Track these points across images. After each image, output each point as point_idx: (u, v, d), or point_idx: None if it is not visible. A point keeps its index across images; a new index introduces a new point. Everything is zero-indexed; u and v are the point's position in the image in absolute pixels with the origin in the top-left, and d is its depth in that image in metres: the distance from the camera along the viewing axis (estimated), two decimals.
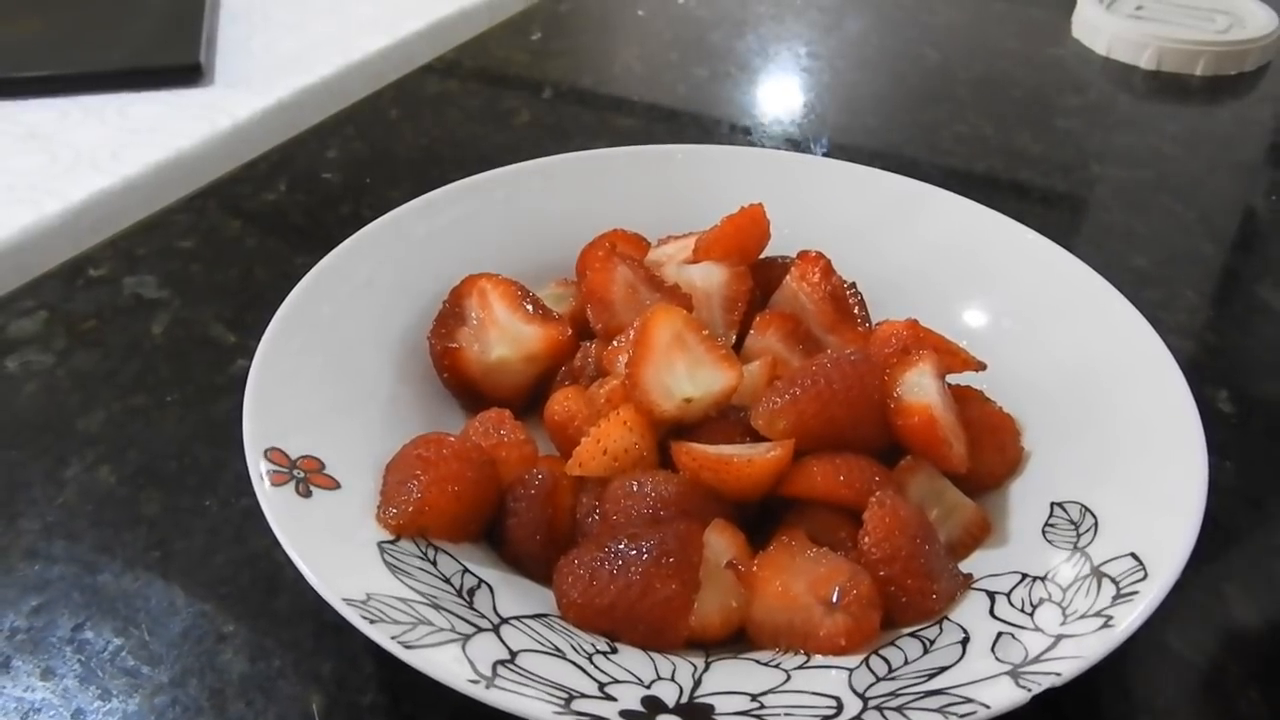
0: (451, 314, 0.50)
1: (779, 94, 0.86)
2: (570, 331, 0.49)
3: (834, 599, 0.36)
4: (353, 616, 0.34)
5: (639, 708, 0.33)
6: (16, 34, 1.26)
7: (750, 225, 0.52)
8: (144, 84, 1.18)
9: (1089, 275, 0.50)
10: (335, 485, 0.40)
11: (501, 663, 0.33)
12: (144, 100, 1.16)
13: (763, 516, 0.42)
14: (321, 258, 0.51)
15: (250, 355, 0.45)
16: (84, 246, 0.71)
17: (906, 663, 0.35)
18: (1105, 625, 0.34)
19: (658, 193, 0.58)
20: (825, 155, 0.76)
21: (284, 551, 0.37)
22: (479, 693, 0.32)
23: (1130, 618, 0.34)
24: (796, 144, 0.78)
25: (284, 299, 0.48)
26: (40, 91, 1.16)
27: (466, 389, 0.49)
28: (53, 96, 1.15)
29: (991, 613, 0.37)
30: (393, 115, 0.80)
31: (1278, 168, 0.78)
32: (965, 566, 0.41)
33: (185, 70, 1.19)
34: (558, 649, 0.35)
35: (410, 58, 1.31)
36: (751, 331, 0.49)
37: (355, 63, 1.27)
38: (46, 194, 1.02)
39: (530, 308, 0.50)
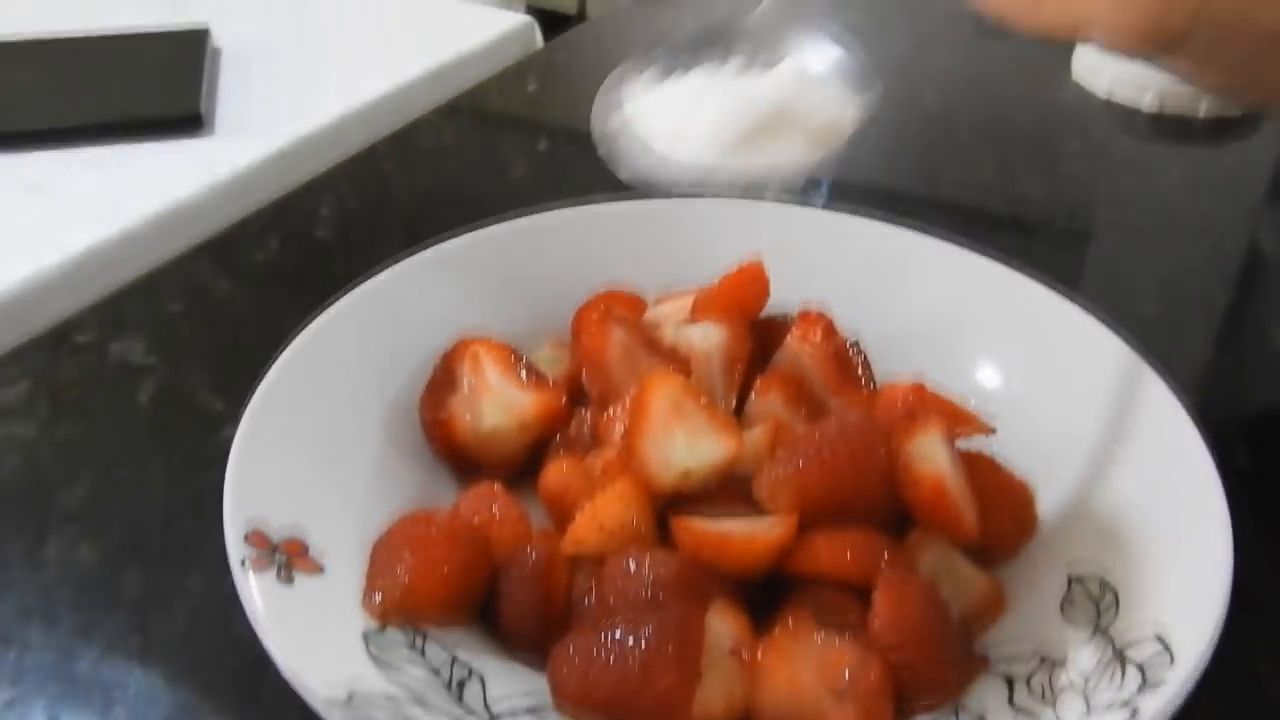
0: (443, 380, 0.48)
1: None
2: (565, 398, 0.48)
3: (843, 688, 0.34)
4: (335, 719, 0.32)
5: None
6: (17, 85, 1.26)
7: (749, 283, 0.51)
8: (144, 134, 1.17)
9: (1100, 331, 0.48)
10: (319, 569, 0.38)
11: None
12: (144, 150, 1.15)
13: (767, 590, 0.41)
14: (312, 319, 0.50)
15: (237, 422, 0.44)
16: (84, 297, 0.70)
17: None
18: (1132, 718, 0.32)
19: (655, 247, 0.57)
20: (827, 201, 0.74)
21: None
22: None
23: (1157, 708, 0.32)
24: (795, 191, 0.76)
25: (273, 363, 0.47)
26: (40, 143, 1.16)
27: (459, 458, 0.47)
28: (53, 148, 1.15)
29: (1011, 701, 0.35)
30: (387, 169, 0.79)
31: None
32: (980, 644, 0.39)
33: (186, 120, 1.19)
34: None
35: (410, 103, 1.31)
36: (753, 394, 0.47)
37: (355, 109, 1.27)
38: (47, 246, 1.02)
39: (524, 373, 0.48)
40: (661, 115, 0.42)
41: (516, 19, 1.50)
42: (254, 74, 1.31)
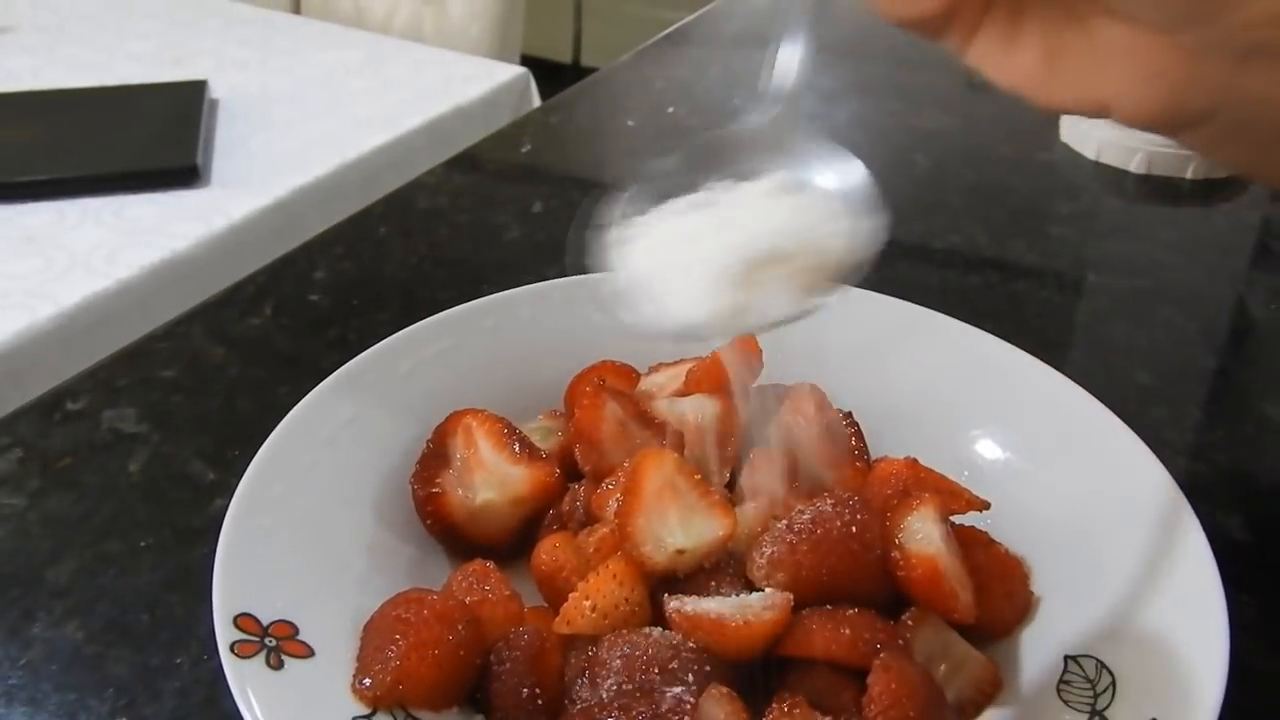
0: (435, 455, 0.48)
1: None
2: (558, 472, 0.47)
3: None
4: None
5: None
6: (15, 138, 1.27)
7: (742, 355, 0.51)
8: (141, 186, 1.18)
9: (1094, 406, 0.48)
10: (309, 653, 0.38)
11: None
12: (141, 202, 1.16)
13: (762, 669, 0.40)
14: (306, 387, 0.49)
15: (229, 493, 0.44)
16: (76, 349, 0.69)
17: None
18: None
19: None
20: None
21: None
22: None
23: None
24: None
25: (266, 432, 0.47)
26: (38, 195, 1.16)
27: (451, 535, 0.47)
28: (50, 200, 1.16)
29: None
30: (382, 232, 0.80)
31: (1271, 272, 0.77)
32: None
33: (182, 172, 1.20)
34: None
35: (407, 155, 1.32)
36: (745, 469, 0.47)
37: (352, 161, 1.28)
38: (41, 298, 1.02)
39: (517, 447, 0.48)
40: (654, 258, 0.38)
41: (512, 71, 1.51)
42: (251, 126, 1.32)
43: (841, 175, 0.39)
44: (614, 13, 2.89)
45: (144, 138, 1.28)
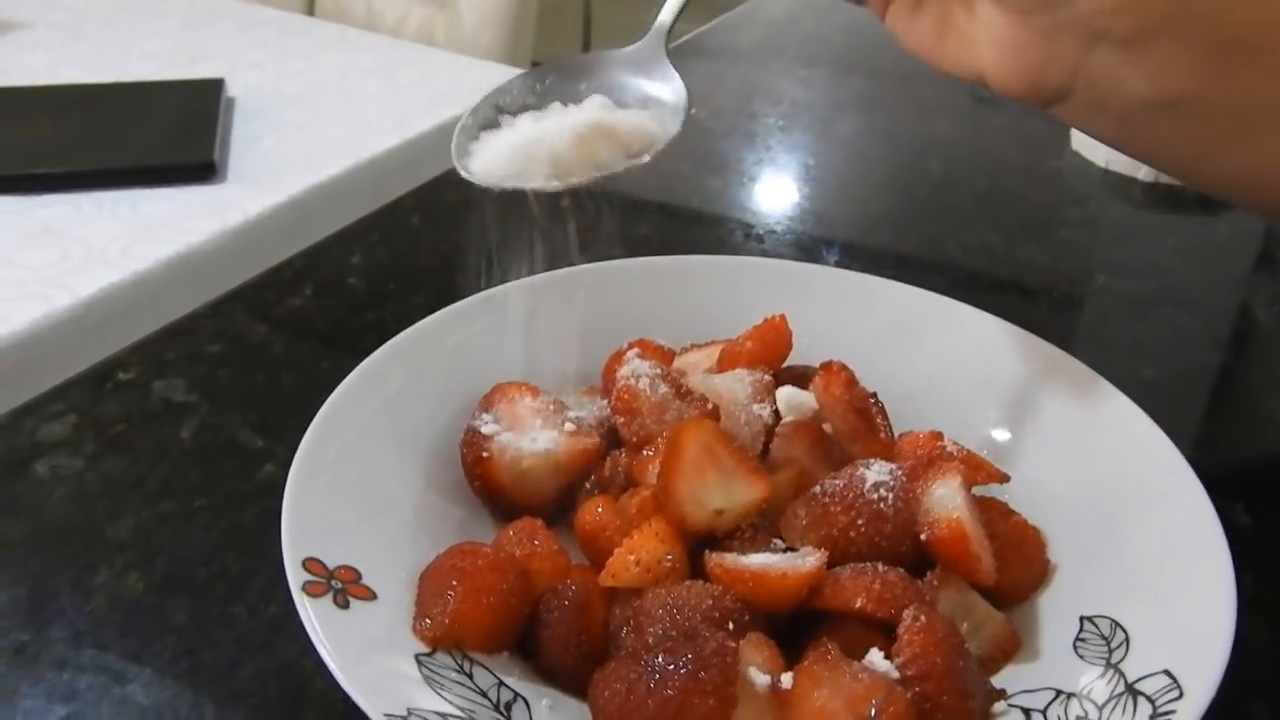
0: (482, 422, 0.50)
1: (790, 204, 0.88)
2: (599, 441, 0.50)
3: (871, 716, 0.36)
4: None
5: None
6: (34, 132, 1.30)
7: (773, 336, 0.53)
8: (158, 181, 1.21)
9: (1107, 390, 0.51)
10: (372, 596, 0.40)
11: None
12: (157, 197, 1.18)
13: (792, 626, 0.43)
14: (347, 364, 0.52)
15: (277, 461, 0.46)
16: (91, 341, 0.71)
17: None
18: None
19: (680, 303, 0.60)
20: (837, 263, 0.77)
21: (312, 662, 0.37)
22: None
23: None
24: (809, 252, 0.79)
25: (310, 405, 0.49)
26: (55, 188, 1.19)
27: (497, 497, 0.49)
28: (67, 192, 1.18)
29: None
30: (414, 222, 0.82)
31: (1274, 277, 0.80)
32: (996, 681, 0.41)
33: (199, 168, 1.22)
34: None
35: (417, 158, 1.35)
36: (777, 440, 0.50)
37: (364, 161, 1.31)
38: (57, 289, 1.04)
39: (559, 416, 0.50)
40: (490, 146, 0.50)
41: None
42: (265, 126, 1.35)
43: (662, 89, 0.52)
44: (624, 22, 2.92)
45: (161, 133, 1.30)
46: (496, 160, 0.49)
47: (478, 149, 0.50)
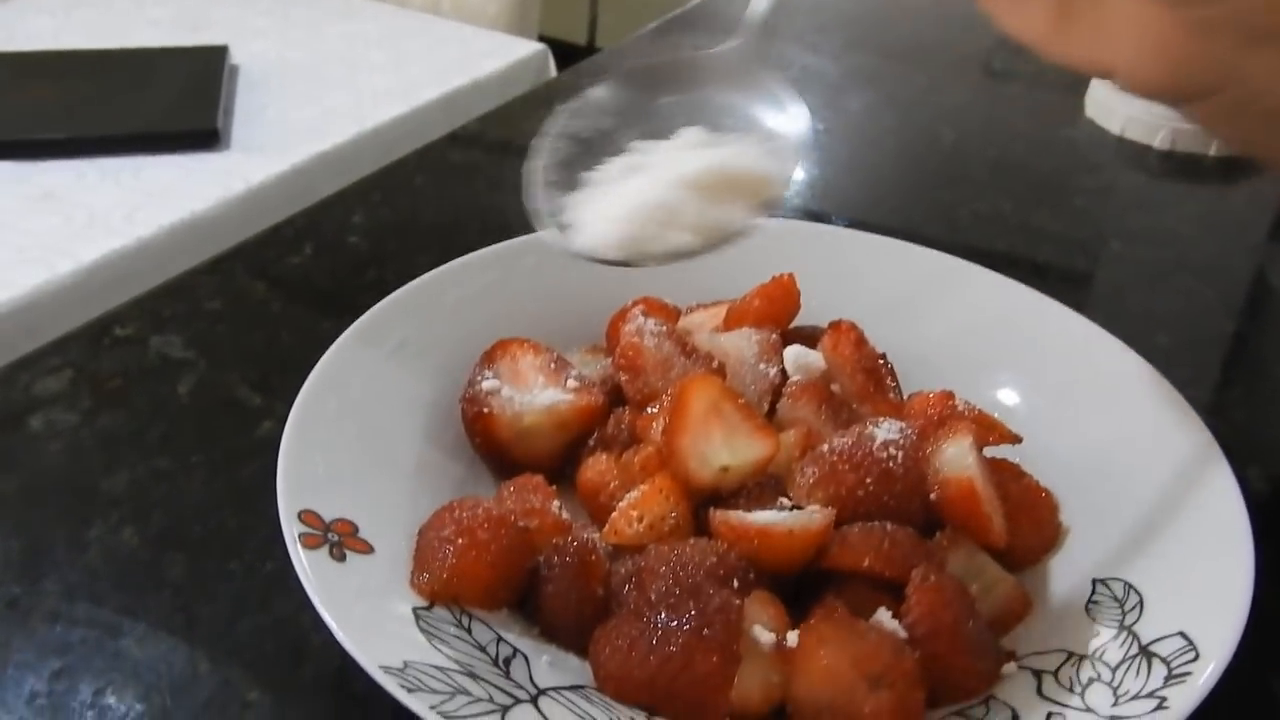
0: (483, 378, 0.50)
1: (799, 171, 0.87)
2: (603, 398, 0.49)
3: (879, 675, 0.35)
4: (390, 685, 0.33)
5: None
6: (37, 97, 1.28)
7: (781, 295, 0.52)
8: (161, 148, 1.20)
9: (1123, 351, 0.50)
10: (369, 549, 0.39)
11: None
12: (160, 163, 1.18)
13: (798, 586, 0.42)
14: (346, 323, 0.51)
15: (276, 418, 0.45)
16: (94, 307, 0.70)
17: None
18: (1159, 708, 0.33)
19: (687, 261, 0.59)
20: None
21: (309, 617, 0.36)
22: None
23: (1185, 700, 0.33)
24: (818, 219, 0.78)
25: (309, 363, 0.48)
26: (58, 153, 1.18)
27: (498, 454, 0.48)
28: (70, 158, 1.17)
29: (1039, 692, 0.36)
30: (417, 182, 0.81)
31: None
32: (1007, 643, 0.40)
33: (203, 135, 1.21)
34: None
35: (424, 126, 1.34)
36: (784, 400, 0.48)
37: (369, 130, 1.30)
38: (60, 254, 1.03)
39: (562, 373, 0.49)
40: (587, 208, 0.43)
41: (531, 46, 1.52)
42: (269, 94, 1.33)
43: (776, 117, 0.43)
44: None
45: (165, 100, 1.29)
46: (605, 228, 0.42)
47: (574, 209, 0.43)
